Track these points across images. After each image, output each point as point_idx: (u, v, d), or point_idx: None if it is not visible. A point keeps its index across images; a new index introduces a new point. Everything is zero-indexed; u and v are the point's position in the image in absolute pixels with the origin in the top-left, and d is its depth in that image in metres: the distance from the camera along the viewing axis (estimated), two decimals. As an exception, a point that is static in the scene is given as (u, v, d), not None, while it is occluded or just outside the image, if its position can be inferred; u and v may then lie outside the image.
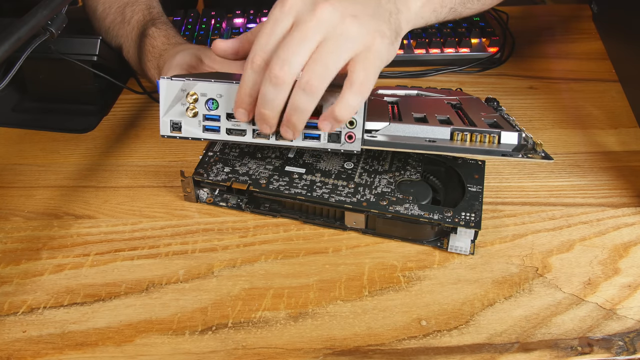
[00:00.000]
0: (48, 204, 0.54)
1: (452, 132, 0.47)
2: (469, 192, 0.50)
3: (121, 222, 0.52)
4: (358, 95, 0.41)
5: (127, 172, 0.58)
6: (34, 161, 0.60)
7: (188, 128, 0.46)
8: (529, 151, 0.46)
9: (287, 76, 0.40)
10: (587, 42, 0.78)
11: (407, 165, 0.53)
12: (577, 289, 0.45)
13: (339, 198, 0.49)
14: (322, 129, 0.42)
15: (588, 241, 0.49)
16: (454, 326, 0.42)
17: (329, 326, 0.43)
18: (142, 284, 0.46)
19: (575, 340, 0.41)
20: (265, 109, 0.42)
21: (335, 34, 0.40)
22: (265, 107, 0.42)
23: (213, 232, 0.51)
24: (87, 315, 0.44)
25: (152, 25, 0.63)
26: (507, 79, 0.71)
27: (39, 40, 0.47)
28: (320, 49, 0.40)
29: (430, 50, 0.73)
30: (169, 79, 0.45)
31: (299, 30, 0.40)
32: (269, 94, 0.41)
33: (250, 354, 0.41)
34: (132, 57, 0.64)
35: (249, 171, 0.52)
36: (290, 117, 0.42)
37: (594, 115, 0.64)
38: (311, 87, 0.40)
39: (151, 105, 0.68)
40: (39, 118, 0.66)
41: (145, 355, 0.41)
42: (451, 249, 0.48)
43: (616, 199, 0.53)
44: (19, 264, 0.48)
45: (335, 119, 0.41)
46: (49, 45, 0.59)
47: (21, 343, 0.42)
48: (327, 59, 0.40)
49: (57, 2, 0.45)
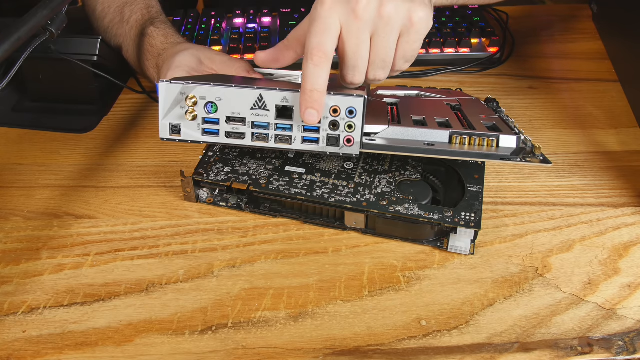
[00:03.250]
0: (48, 204, 0.54)
1: (450, 135, 0.47)
2: (469, 192, 0.50)
3: (121, 222, 0.52)
4: (408, 64, 0.47)
5: (127, 172, 0.58)
6: (34, 161, 0.60)
7: (187, 131, 0.46)
8: (528, 155, 0.47)
9: (359, 79, 0.45)
10: (587, 42, 0.78)
11: (407, 165, 0.53)
12: (577, 289, 0.45)
13: (339, 198, 0.49)
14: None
15: (588, 241, 0.49)
16: (454, 326, 0.42)
17: (329, 326, 0.43)
18: (142, 284, 0.46)
19: (575, 340, 0.41)
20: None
21: (381, 24, 0.43)
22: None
23: (213, 232, 0.51)
24: (87, 315, 0.44)
25: (151, 25, 0.63)
26: (507, 79, 0.71)
27: (39, 40, 0.47)
28: (373, 47, 0.44)
29: (430, 50, 0.73)
30: (169, 82, 0.45)
31: (351, 39, 0.43)
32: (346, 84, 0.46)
33: (250, 354, 0.41)
34: (131, 56, 0.64)
35: (249, 171, 0.52)
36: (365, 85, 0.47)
37: (594, 115, 0.64)
38: (378, 79, 0.46)
39: (151, 105, 0.68)
40: (39, 118, 0.66)
41: (145, 355, 0.41)
42: (451, 249, 0.48)
43: (616, 199, 0.53)
44: (19, 264, 0.48)
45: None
46: (49, 45, 0.59)
47: (21, 343, 0.42)
48: (383, 54, 0.44)
49: (57, 2, 0.45)
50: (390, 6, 0.42)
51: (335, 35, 0.42)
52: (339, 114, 0.44)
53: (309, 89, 0.42)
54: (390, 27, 0.43)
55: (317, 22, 0.42)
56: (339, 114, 0.44)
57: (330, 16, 0.42)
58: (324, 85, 0.43)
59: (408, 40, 0.44)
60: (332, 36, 0.42)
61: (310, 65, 0.42)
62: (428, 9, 0.44)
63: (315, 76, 0.42)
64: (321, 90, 0.42)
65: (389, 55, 0.45)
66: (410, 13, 0.43)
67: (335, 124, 0.45)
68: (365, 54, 0.44)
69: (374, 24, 0.43)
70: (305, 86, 0.42)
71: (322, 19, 0.42)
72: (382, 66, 0.45)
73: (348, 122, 0.45)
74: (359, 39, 0.43)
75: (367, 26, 0.43)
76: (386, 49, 0.44)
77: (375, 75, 0.46)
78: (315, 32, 0.42)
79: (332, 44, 0.42)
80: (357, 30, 0.43)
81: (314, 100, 0.43)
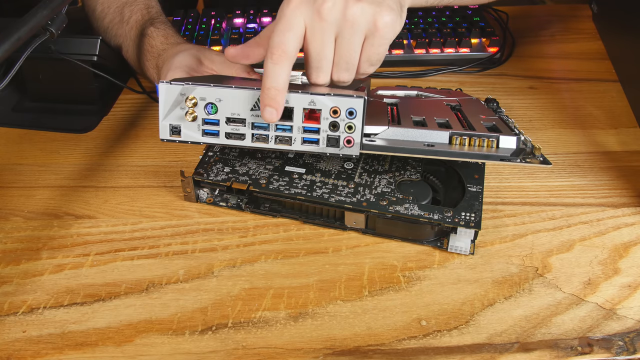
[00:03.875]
0: (48, 204, 0.54)
1: (450, 136, 0.47)
2: (469, 192, 0.50)
3: (121, 222, 0.52)
4: (373, 68, 0.47)
5: (127, 172, 0.58)
6: (34, 161, 0.60)
7: (187, 132, 0.46)
8: (528, 155, 0.47)
9: (323, 80, 0.45)
10: (587, 42, 0.78)
11: (407, 165, 0.53)
12: (577, 289, 0.45)
13: (339, 198, 0.49)
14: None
15: (588, 241, 0.49)
16: (454, 326, 0.42)
17: (329, 326, 0.43)
18: (142, 284, 0.46)
19: (575, 340, 0.41)
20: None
21: (346, 26, 0.43)
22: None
23: (213, 232, 0.51)
24: (87, 315, 0.44)
25: (151, 25, 0.63)
26: (507, 79, 0.71)
27: (39, 40, 0.47)
28: (337, 49, 0.44)
29: (430, 50, 0.73)
30: (168, 83, 0.45)
31: (315, 39, 0.43)
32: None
33: (250, 354, 0.41)
34: (131, 56, 0.64)
35: (249, 171, 0.52)
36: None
37: (594, 115, 0.64)
38: (343, 81, 0.46)
39: (151, 105, 0.68)
40: (39, 118, 0.66)
41: (145, 355, 0.41)
42: (451, 249, 0.48)
43: (616, 199, 0.53)
44: (19, 264, 0.48)
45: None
46: (49, 45, 0.59)
47: (21, 343, 0.42)
48: (347, 57, 0.44)
49: (57, 2, 0.45)
50: (355, 9, 0.42)
51: (298, 35, 0.42)
52: (338, 115, 0.44)
53: (267, 87, 0.42)
54: (354, 30, 0.43)
55: (281, 21, 0.42)
56: (338, 114, 0.44)
57: (295, 16, 0.42)
58: (284, 84, 0.42)
59: (373, 43, 0.44)
60: (294, 35, 0.42)
61: (269, 63, 0.42)
62: (394, 13, 0.44)
63: (274, 74, 0.42)
64: (280, 88, 0.42)
65: (354, 58, 0.44)
66: (376, 17, 0.43)
67: (335, 124, 0.45)
68: (329, 55, 0.44)
69: (338, 26, 0.43)
70: (264, 84, 0.42)
71: (286, 18, 0.42)
72: (346, 68, 0.45)
73: (348, 123, 0.45)
74: (323, 40, 0.43)
75: (331, 27, 0.43)
76: (350, 51, 0.44)
77: (340, 77, 0.45)
78: (278, 30, 0.42)
79: (294, 42, 0.42)
80: (321, 31, 0.43)
81: (271, 97, 0.42)
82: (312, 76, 0.45)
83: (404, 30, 0.75)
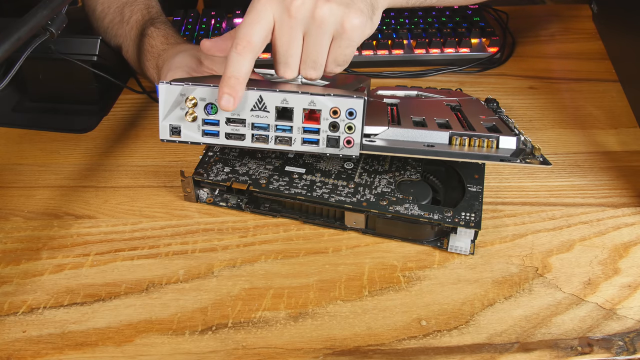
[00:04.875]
0: (48, 204, 0.54)
1: (450, 136, 0.47)
2: (469, 192, 0.50)
3: (121, 222, 0.52)
4: (340, 68, 0.47)
5: (127, 172, 0.58)
6: (34, 161, 0.60)
7: (187, 132, 0.46)
8: (527, 156, 0.47)
9: (291, 75, 0.45)
10: (587, 42, 0.78)
11: (407, 165, 0.53)
12: (577, 289, 0.45)
13: (339, 198, 0.49)
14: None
15: (588, 241, 0.49)
16: (454, 326, 0.42)
17: (329, 326, 0.43)
18: (142, 284, 0.46)
19: (575, 340, 0.41)
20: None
21: (314, 25, 0.43)
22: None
23: (213, 232, 0.51)
24: (87, 315, 0.44)
25: (151, 25, 0.63)
26: (507, 79, 0.71)
27: (39, 40, 0.47)
28: (305, 47, 0.44)
29: (430, 50, 0.73)
30: (168, 83, 0.45)
31: (283, 35, 0.43)
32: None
33: (250, 354, 0.41)
34: (131, 56, 0.64)
35: (249, 171, 0.52)
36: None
37: (594, 115, 0.64)
38: (311, 78, 0.46)
39: (151, 105, 0.68)
40: (39, 118, 0.66)
41: (145, 355, 0.41)
42: (451, 249, 0.48)
43: (616, 199, 0.53)
44: (19, 264, 0.48)
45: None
46: (49, 45, 0.59)
47: (21, 343, 0.42)
48: (314, 55, 0.44)
49: (57, 2, 0.45)
50: (324, 9, 0.43)
51: (265, 28, 0.43)
52: (338, 116, 0.44)
53: (227, 75, 0.43)
54: (322, 30, 0.43)
55: (250, 13, 0.43)
56: (338, 115, 0.44)
57: (265, 10, 0.43)
58: (245, 74, 0.43)
59: (340, 44, 0.44)
60: (261, 28, 0.43)
61: (233, 53, 0.42)
62: (364, 16, 0.44)
63: (237, 64, 0.42)
64: (240, 77, 0.43)
65: (321, 57, 0.45)
66: (344, 19, 0.43)
67: (335, 125, 0.45)
68: (296, 52, 0.44)
69: (306, 24, 0.43)
70: (226, 72, 0.43)
71: (255, 11, 0.43)
72: (313, 66, 0.45)
73: (348, 124, 0.45)
74: (291, 36, 0.43)
75: (299, 25, 0.43)
76: (317, 50, 0.44)
77: (307, 74, 0.46)
78: (246, 22, 0.43)
79: (260, 35, 0.43)
80: (289, 27, 0.43)
81: (231, 86, 0.43)
82: (279, 71, 0.46)
83: (404, 30, 0.75)
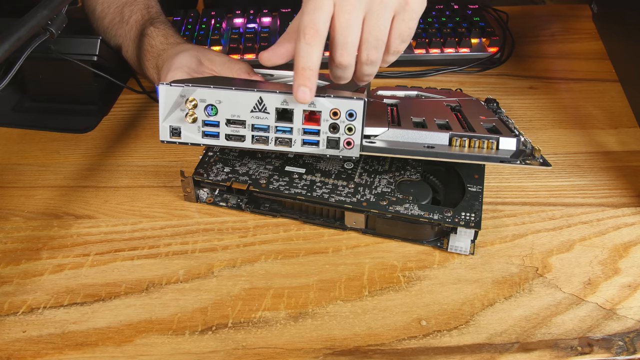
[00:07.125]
0: (48, 204, 0.54)
1: (450, 137, 0.47)
2: (469, 192, 0.50)
3: (121, 222, 0.52)
4: (404, 44, 0.46)
5: (127, 172, 0.58)
6: (34, 161, 0.60)
7: (187, 134, 0.46)
8: (527, 157, 0.47)
9: (348, 60, 0.44)
10: (587, 42, 0.78)
11: (407, 165, 0.53)
12: (577, 289, 0.45)
13: (339, 198, 0.49)
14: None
15: (588, 241, 0.49)
16: (454, 326, 0.42)
17: (329, 326, 0.43)
18: (142, 284, 0.46)
19: (575, 340, 0.41)
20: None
21: (375, 3, 0.43)
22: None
23: (213, 232, 0.51)
24: (87, 315, 0.44)
25: (151, 25, 0.63)
26: (507, 79, 0.71)
27: (39, 40, 0.47)
28: (366, 25, 0.43)
29: (430, 50, 0.73)
30: (168, 84, 0.45)
31: (343, 14, 0.42)
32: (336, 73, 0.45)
33: (250, 354, 0.41)
34: (131, 56, 0.64)
35: (249, 171, 0.52)
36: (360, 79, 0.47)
37: (594, 115, 0.64)
38: (372, 60, 0.44)
39: (151, 105, 0.68)
40: (39, 118, 0.66)
41: (145, 355, 0.41)
42: (451, 249, 0.48)
43: (616, 199, 0.53)
44: (19, 264, 0.48)
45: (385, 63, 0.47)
46: (49, 45, 0.59)
47: (21, 343, 0.42)
48: (376, 32, 0.43)
49: (57, 2, 0.45)
50: None
51: (327, 12, 0.42)
52: (338, 117, 0.44)
53: (301, 67, 0.42)
54: (383, 5, 0.43)
55: (309, 1, 0.42)
56: (338, 116, 0.44)
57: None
58: (317, 63, 0.42)
59: (403, 18, 0.44)
60: (324, 13, 0.42)
61: (302, 44, 0.42)
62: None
63: (308, 54, 0.42)
64: (314, 68, 0.42)
65: (383, 34, 0.44)
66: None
67: (335, 126, 0.45)
68: (356, 31, 0.43)
69: (367, 3, 0.43)
70: (298, 64, 0.42)
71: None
72: (376, 45, 0.44)
73: (348, 125, 0.45)
74: (351, 15, 0.42)
75: (359, 4, 0.42)
76: (380, 26, 0.43)
77: (369, 55, 0.44)
78: (308, 10, 0.42)
79: (325, 21, 0.42)
80: (350, 6, 0.42)
81: (306, 77, 0.42)
82: (336, 55, 0.44)
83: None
